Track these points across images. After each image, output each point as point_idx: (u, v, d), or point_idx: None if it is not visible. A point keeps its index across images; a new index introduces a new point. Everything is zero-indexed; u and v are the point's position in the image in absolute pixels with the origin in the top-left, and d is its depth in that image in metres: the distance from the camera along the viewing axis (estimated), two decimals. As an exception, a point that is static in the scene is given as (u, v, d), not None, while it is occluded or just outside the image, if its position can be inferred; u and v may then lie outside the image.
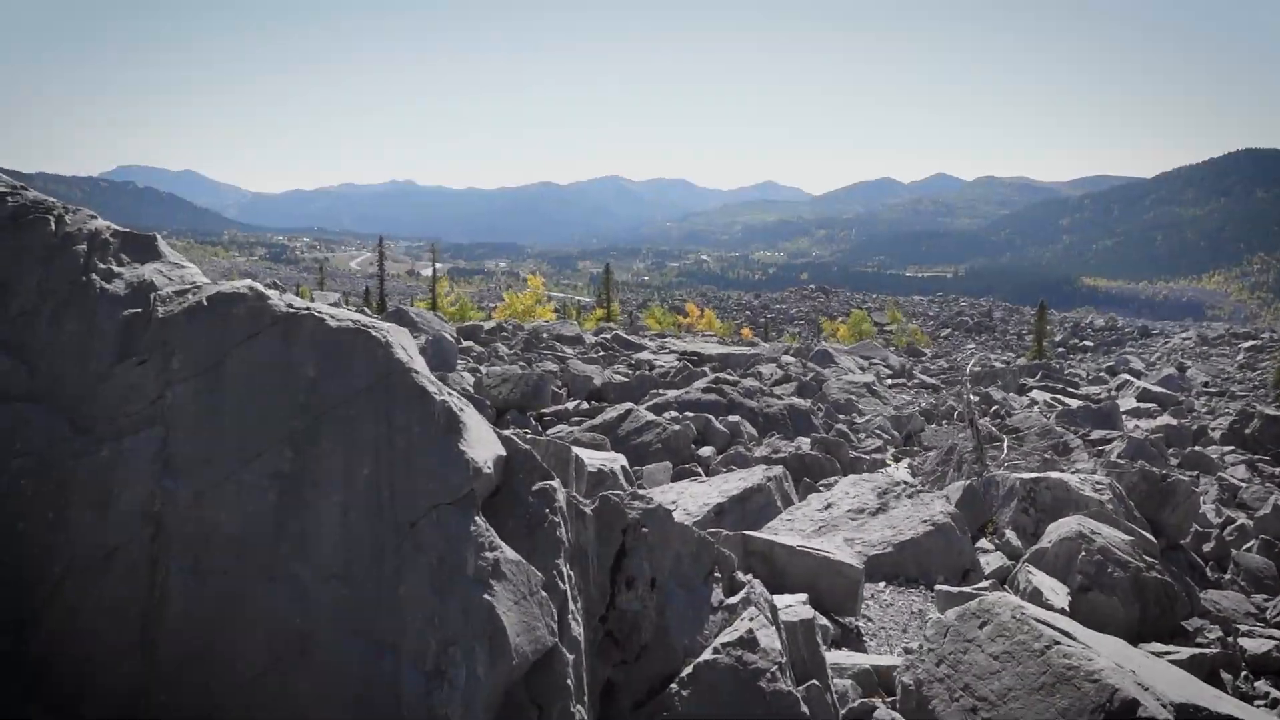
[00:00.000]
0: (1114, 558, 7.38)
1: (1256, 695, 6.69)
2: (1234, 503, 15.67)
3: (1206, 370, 52.41)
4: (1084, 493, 9.07)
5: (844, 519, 9.00)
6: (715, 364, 26.04)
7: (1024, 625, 4.77)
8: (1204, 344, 62.30)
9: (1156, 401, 34.64)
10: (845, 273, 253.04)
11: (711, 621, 4.11)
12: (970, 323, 73.41)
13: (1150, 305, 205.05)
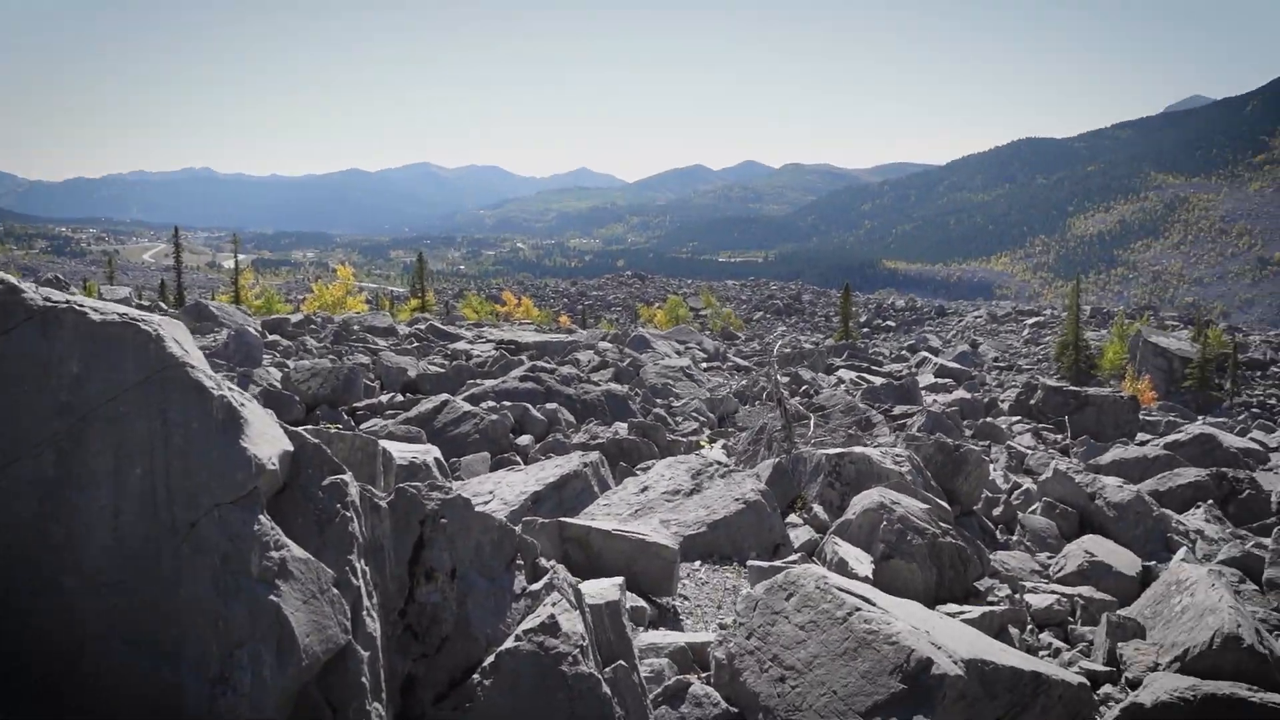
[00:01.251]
0: (913, 526, 7.75)
1: (1040, 646, 7.16)
2: (1021, 469, 16.78)
3: (996, 346, 55.99)
4: (885, 465, 9.50)
5: (660, 501, 9.11)
6: (533, 352, 25.95)
7: (827, 595, 4.93)
8: (994, 322, 66.55)
9: (952, 377, 36.75)
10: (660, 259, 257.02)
11: (514, 609, 4.07)
12: (781, 305, 75.85)
13: (946, 286, 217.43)
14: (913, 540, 7.59)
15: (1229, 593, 6.78)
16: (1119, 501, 10.92)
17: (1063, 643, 7.34)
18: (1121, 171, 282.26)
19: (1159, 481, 14.59)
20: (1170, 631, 6.61)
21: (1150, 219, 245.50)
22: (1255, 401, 41.04)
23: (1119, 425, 24.10)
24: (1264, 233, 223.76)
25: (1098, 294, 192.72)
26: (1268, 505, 14.42)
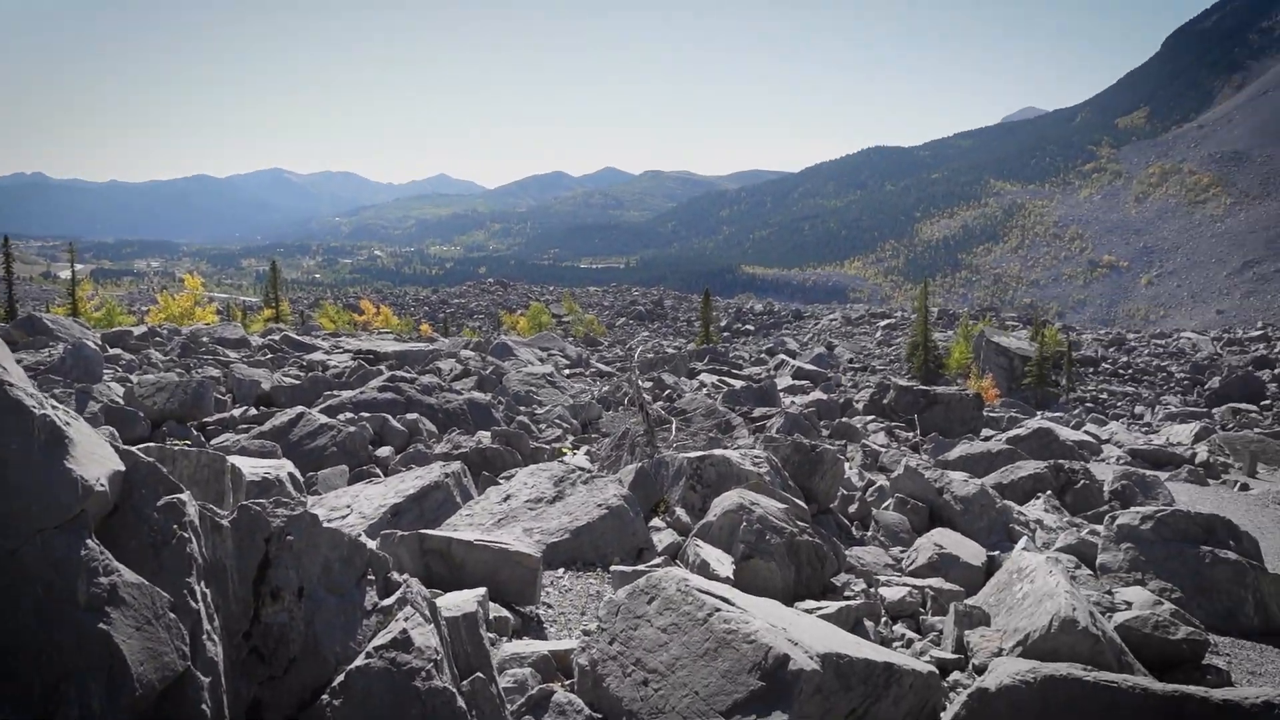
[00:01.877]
0: (771, 525, 7.91)
1: (894, 638, 7.41)
2: (875, 466, 17.35)
3: (851, 348, 57.75)
4: (745, 467, 9.67)
5: (523, 509, 9.06)
6: (392, 362, 25.46)
7: (688, 597, 4.99)
8: (848, 324, 68.61)
9: (809, 378, 37.74)
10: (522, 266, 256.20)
11: (365, 626, 3.97)
12: (643, 311, 76.45)
13: (802, 290, 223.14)
14: (772, 540, 7.74)
15: (1065, 579, 7.15)
16: (965, 495, 11.39)
17: (915, 633, 7.60)
18: (964, 179, 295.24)
19: (1002, 475, 15.31)
20: (1013, 618, 6.93)
21: (991, 224, 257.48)
22: (1088, 396, 43.48)
23: (965, 422, 25.19)
24: (1094, 237, 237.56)
25: (944, 296, 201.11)
26: (1100, 494, 15.30)
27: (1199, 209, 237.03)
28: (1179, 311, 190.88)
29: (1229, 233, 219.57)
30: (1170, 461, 23.18)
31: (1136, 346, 56.19)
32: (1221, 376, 45.39)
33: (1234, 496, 19.29)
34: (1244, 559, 9.23)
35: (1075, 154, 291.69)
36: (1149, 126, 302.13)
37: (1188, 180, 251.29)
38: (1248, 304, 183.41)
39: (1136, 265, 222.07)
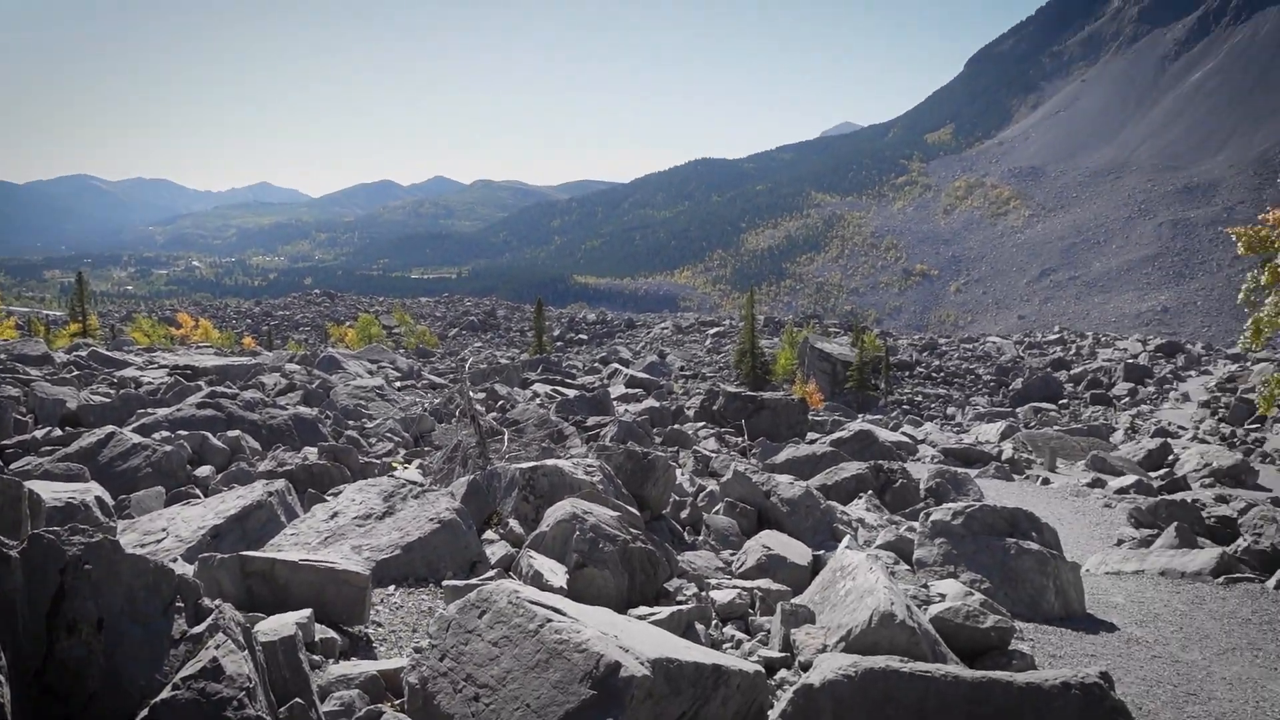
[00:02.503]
0: (604, 533, 7.96)
1: (724, 640, 7.57)
2: (706, 472, 17.68)
3: (682, 356, 58.78)
4: (577, 476, 9.70)
5: (351, 526, 8.82)
6: (212, 377, 24.35)
7: (519, 609, 4.97)
8: (679, 332, 69.80)
9: (642, 386, 38.19)
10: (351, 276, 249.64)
11: (173, 656, 3.77)
12: (476, 322, 75.71)
13: (634, 299, 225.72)
14: (605, 548, 7.79)
15: (884, 574, 7.47)
16: (791, 497, 11.76)
17: (744, 634, 7.79)
18: (786, 191, 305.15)
19: (826, 476, 15.88)
20: (836, 614, 7.20)
21: (812, 234, 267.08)
22: (905, 399, 45.60)
23: (792, 426, 25.99)
24: (907, 246, 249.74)
25: (770, 304, 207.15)
26: (917, 492, 16.06)
27: (1001, 220, 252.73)
28: (985, 317, 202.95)
29: (1028, 243, 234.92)
30: (980, 459, 24.55)
31: (947, 350, 59.33)
32: (1024, 378, 48.46)
33: (1036, 490, 20.61)
34: (1045, 549, 9.86)
35: (889, 168, 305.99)
36: (955, 142, 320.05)
37: (990, 193, 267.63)
38: (1046, 309, 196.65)
39: (946, 273, 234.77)
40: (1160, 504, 15.81)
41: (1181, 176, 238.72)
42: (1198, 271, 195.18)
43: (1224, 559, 11.45)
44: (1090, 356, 56.25)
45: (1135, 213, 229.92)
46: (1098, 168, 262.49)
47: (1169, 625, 9.28)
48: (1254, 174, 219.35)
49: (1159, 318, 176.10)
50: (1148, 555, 12.18)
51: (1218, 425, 34.79)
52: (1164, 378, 47.84)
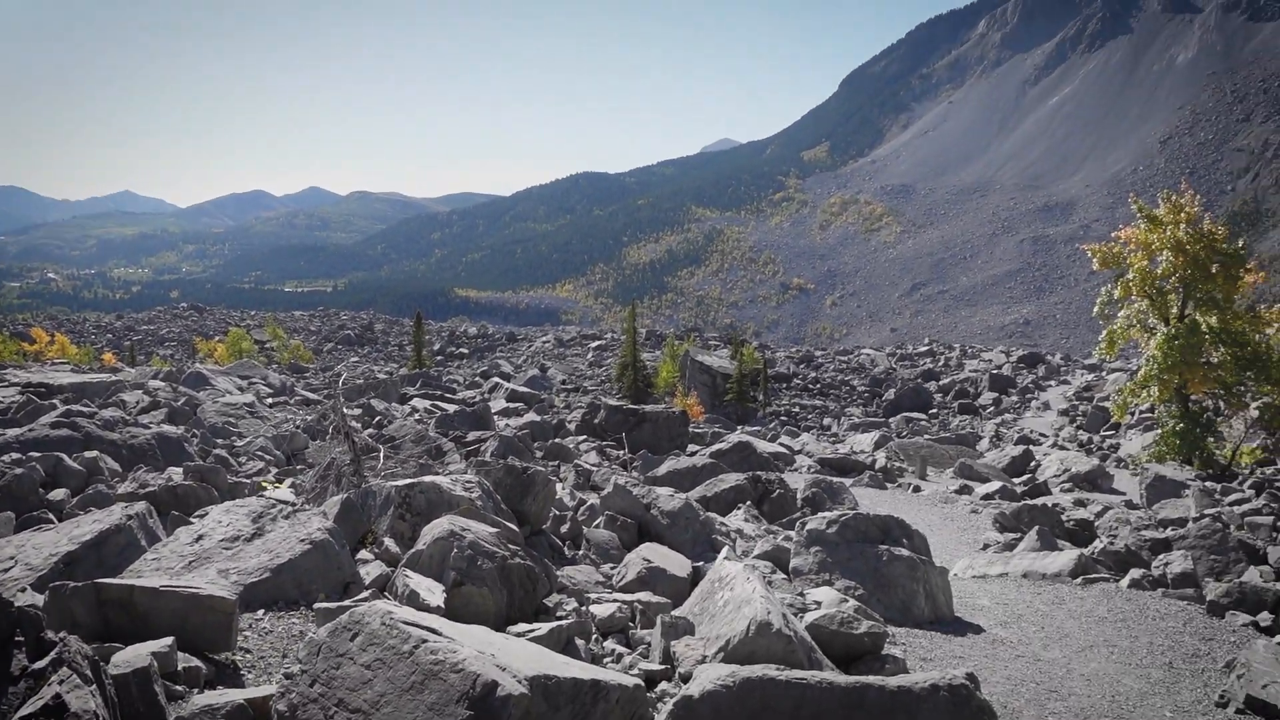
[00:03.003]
0: (483, 550, 7.86)
1: (605, 654, 7.55)
2: (587, 485, 17.66)
3: (564, 369, 58.67)
4: (455, 493, 9.56)
5: (218, 549, 8.50)
6: (69, 395, 23.18)
7: (393, 630, 4.85)
8: (561, 346, 69.69)
9: (524, 400, 37.95)
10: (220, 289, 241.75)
11: (12, 694, 3.56)
12: (353, 336, 74.10)
13: (516, 313, 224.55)
14: (483, 565, 7.70)
15: (761, 584, 7.58)
16: (671, 510, 11.83)
17: (625, 648, 7.79)
18: (667, 205, 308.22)
19: (706, 488, 16.03)
20: (715, 625, 7.26)
21: (693, 249, 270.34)
22: (783, 410, 46.44)
23: (672, 438, 26.18)
24: (784, 261, 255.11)
25: (652, 318, 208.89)
26: (794, 502, 16.36)
27: (874, 236, 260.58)
28: (859, 329, 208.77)
29: (900, 258, 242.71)
30: (854, 468, 25.16)
31: (824, 363, 60.72)
32: (896, 389, 49.92)
33: (908, 497, 21.22)
34: (916, 555, 10.15)
35: (767, 184, 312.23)
36: (830, 160, 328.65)
37: (864, 210, 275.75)
38: (916, 322, 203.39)
39: (822, 287, 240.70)
40: (1023, 509, 16.45)
41: (1041, 195, 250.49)
42: (1057, 286, 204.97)
43: (1082, 560, 11.98)
44: (958, 367, 58.32)
45: (999, 229, 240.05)
46: (964, 186, 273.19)
47: (1031, 625, 9.65)
48: (1108, 193, 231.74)
49: (1021, 330, 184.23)
50: (1011, 558, 12.67)
51: (1076, 432, 36.47)
52: (1026, 387, 49.92)
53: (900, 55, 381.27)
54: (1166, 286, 26.22)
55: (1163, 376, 25.27)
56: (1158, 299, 26.27)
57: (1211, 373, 25.25)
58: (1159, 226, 25.77)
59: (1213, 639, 9.50)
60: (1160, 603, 10.65)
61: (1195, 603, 10.74)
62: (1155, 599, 10.82)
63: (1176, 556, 12.10)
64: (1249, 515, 16.59)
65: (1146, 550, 13.29)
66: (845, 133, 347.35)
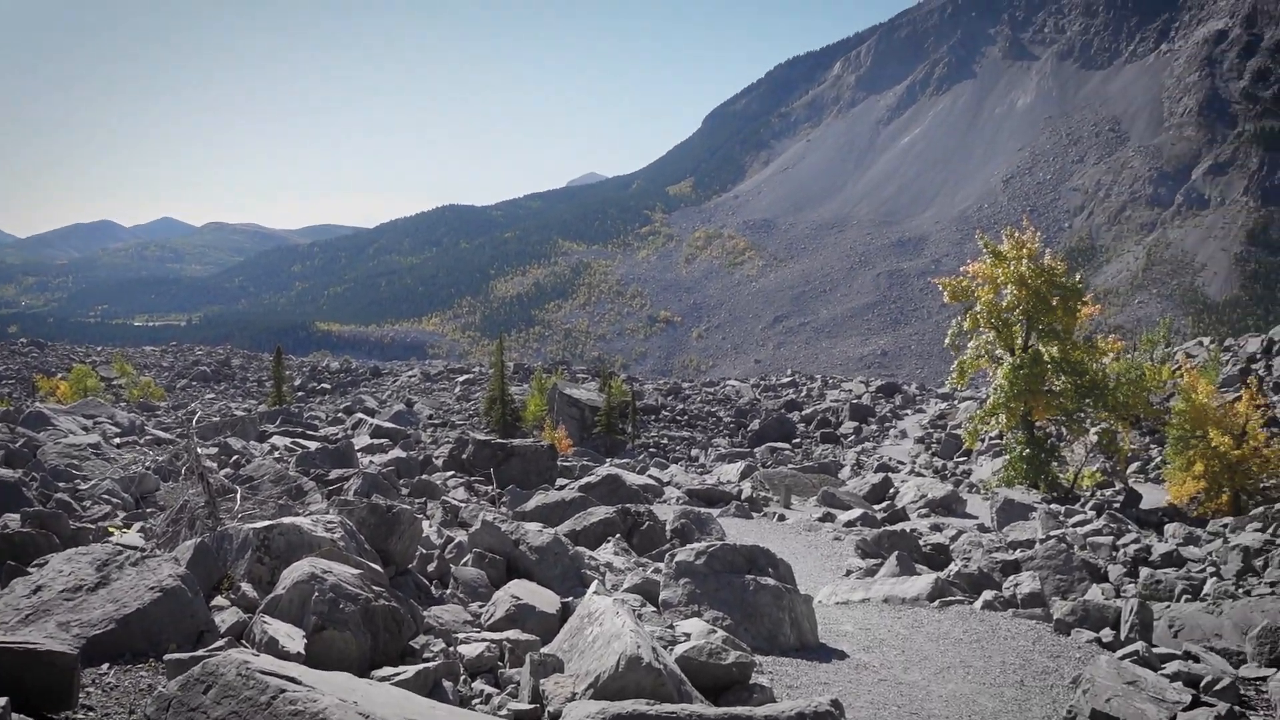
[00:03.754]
0: (345, 593, 7.65)
1: (474, 695, 7.44)
2: (455, 522, 17.38)
3: (431, 404, 57.75)
4: (317, 534, 9.28)
5: (58, 601, 8.02)
6: (-110, 438, 21.62)
7: (250, 680, 4.68)
8: (428, 380, 68.63)
9: (389, 436, 37.20)
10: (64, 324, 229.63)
11: None
12: (209, 372, 71.32)
13: (380, 347, 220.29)
14: (345, 608, 7.49)
15: (631, 618, 7.60)
16: (540, 545, 11.75)
17: (494, 688, 7.68)
18: (535, 238, 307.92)
19: (575, 522, 15.99)
20: (585, 661, 7.23)
21: (560, 282, 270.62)
22: (651, 442, 46.76)
23: (541, 472, 26.03)
24: (652, 294, 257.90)
25: (520, 351, 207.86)
26: (664, 534, 16.46)
27: (737, 269, 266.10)
28: (725, 361, 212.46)
29: (762, 291, 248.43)
30: (722, 499, 25.48)
31: (690, 394, 61.47)
32: (760, 419, 50.88)
33: (773, 526, 21.61)
34: (781, 584, 10.34)
35: (633, 218, 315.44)
36: (694, 195, 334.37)
37: (728, 244, 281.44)
38: (779, 353, 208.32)
39: (689, 320, 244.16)
40: (883, 535, 16.96)
41: (895, 231, 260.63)
42: (911, 318, 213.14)
43: (938, 584, 12.41)
44: (820, 398, 59.86)
45: (856, 263, 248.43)
46: (823, 221, 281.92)
47: (892, 649, 9.94)
48: (956, 229, 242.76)
49: (879, 360, 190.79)
50: (873, 584, 13.03)
51: (931, 459, 37.82)
52: (884, 416, 51.57)
53: (761, 94, 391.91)
54: (1011, 318, 27.52)
55: (1009, 404, 26.47)
56: (1004, 330, 27.55)
57: (1054, 400, 26.59)
58: (1003, 261, 27.08)
59: (1060, 656, 9.96)
60: (1011, 622, 11.10)
61: (1043, 621, 11.24)
62: (1006, 619, 11.28)
63: (1025, 577, 12.67)
64: (1090, 535, 17.52)
65: (998, 572, 13.87)
66: (709, 168, 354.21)
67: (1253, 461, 23.53)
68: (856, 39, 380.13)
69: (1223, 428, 23.69)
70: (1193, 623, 11.21)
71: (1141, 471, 31.48)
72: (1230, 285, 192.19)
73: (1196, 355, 40.12)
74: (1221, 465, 23.41)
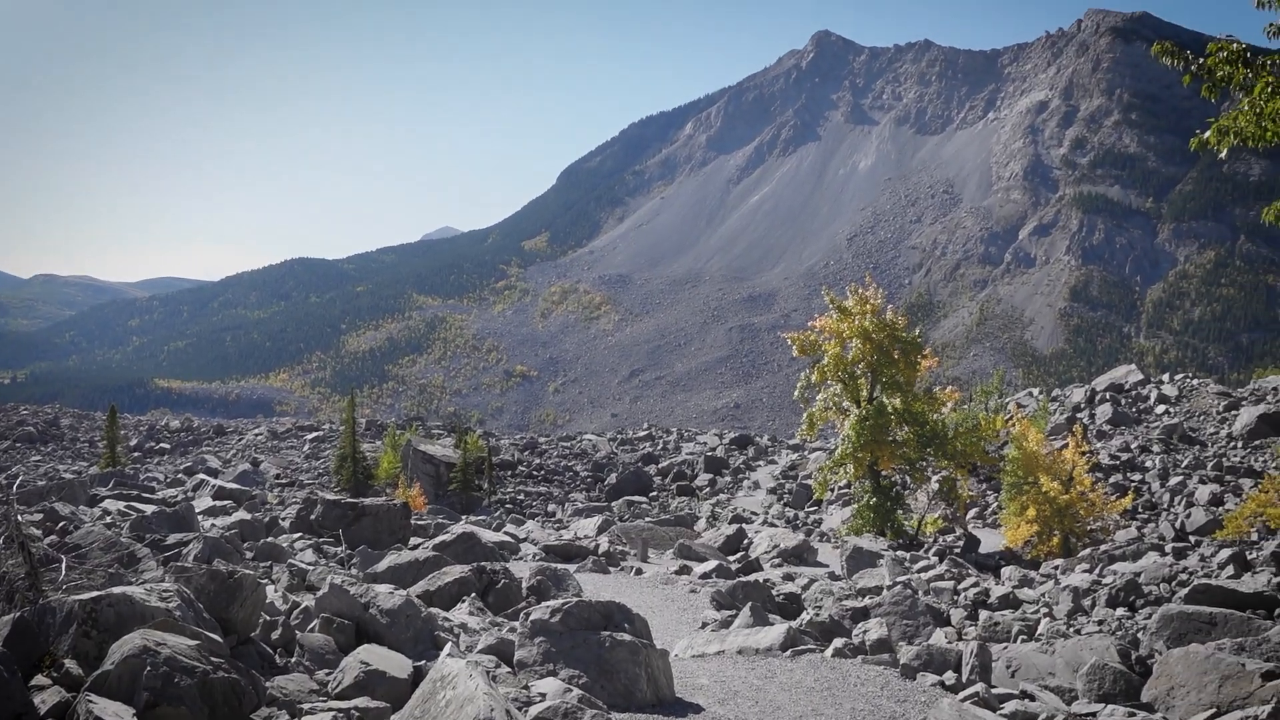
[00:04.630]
0: (181, 666, 7.28)
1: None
2: (303, 586, 16.74)
3: (278, 463, 55.78)
4: (150, 604, 8.80)
5: None
6: None
7: (72, 765, 4.38)
8: (275, 438, 66.32)
9: (233, 498, 35.66)
10: None
11: None
12: (35, 432, 67.06)
13: (225, 404, 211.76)
14: (181, 682, 7.12)
15: (484, 680, 7.47)
16: (391, 608, 11.45)
17: (341, 759, 7.41)
18: (388, 292, 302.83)
19: (429, 582, 15.64)
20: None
21: (415, 336, 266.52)
22: (508, 498, 46.29)
23: (394, 532, 25.40)
24: (508, 349, 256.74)
25: (372, 407, 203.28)
26: (520, 592, 16.25)
27: (594, 324, 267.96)
28: (581, 415, 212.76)
29: (618, 345, 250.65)
30: (579, 554, 25.36)
31: (548, 449, 61.18)
32: (618, 473, 51.03)
33: (630, 580, 21.62)
34: (637, 639, 10.34)
35: (489, 272, 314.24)
36: (550, 249, 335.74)
37: (584, 299, 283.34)
38: (636, 407, 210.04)
39: (545, 374, 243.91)
40: (737, 586, 17.18)
41: (746, 286, 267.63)
42: (762, 371, 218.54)
43: (791, 633, 12.63)
44: (676, 450, 60.48)
45: (709, 318, 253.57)
46: (677, 277, 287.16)
47: (747, 701, 10.04)
48: (804, 285, 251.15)
49: (733, 413, 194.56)
50: (727, 635, 13.15)
51: (784, 509, 38.63)
52: (738, 468, 52.44)
53: (615, 152, 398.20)
54: (857, 371, 28.56)
55: (857, 454, 27.36)
56: (850, 383, 28.53)
57: (898, 450, 27.62)
58: (849, 316, 28.13)
59: (906, 700, 10.25)
60: (860, 669, 11.38)
61: (891, 667, 11.57)
62: (856, 666, 11.55)
63: (874, 624, 13.02)
64: (934, 581, 18.16)
65: (848, 619, 14.21)
66: (564, 224, 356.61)
67: (1080, 505, 24.94)
68: (707, 100, 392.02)
69: (1052, 474, 25.06)
70: (1028, 662, 11.72)
71: (980, 517, 32.93)
72: (1056, 339, 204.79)
73: (1027, 405, 42.45)
74: (1052, 509, 24.71)
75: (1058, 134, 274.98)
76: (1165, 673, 10.01)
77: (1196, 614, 11.86)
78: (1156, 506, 30.02)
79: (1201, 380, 45.72)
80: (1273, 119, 9.33)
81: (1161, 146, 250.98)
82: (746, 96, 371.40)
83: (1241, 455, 34.11)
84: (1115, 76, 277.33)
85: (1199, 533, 25.49)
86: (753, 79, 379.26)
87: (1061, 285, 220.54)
